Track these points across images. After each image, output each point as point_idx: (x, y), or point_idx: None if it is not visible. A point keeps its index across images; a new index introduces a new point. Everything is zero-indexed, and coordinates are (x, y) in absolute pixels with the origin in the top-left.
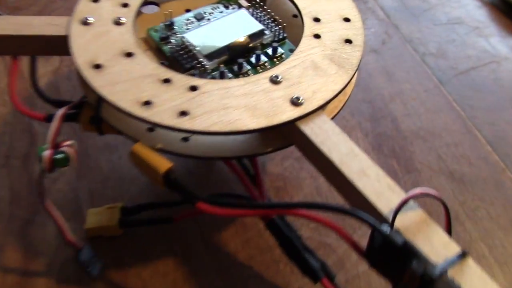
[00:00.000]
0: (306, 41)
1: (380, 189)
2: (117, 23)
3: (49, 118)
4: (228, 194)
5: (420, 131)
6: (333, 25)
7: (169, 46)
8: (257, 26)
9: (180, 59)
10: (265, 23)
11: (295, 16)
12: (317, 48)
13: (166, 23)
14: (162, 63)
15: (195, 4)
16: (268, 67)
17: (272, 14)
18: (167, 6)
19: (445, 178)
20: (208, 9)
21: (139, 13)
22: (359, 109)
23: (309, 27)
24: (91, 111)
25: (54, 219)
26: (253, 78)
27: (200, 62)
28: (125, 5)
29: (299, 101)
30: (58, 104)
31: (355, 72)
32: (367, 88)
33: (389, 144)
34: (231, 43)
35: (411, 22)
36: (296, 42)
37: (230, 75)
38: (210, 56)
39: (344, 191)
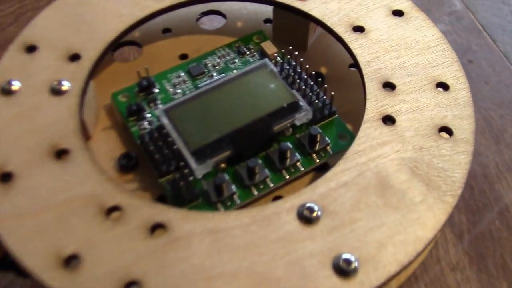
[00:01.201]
0: (369, 130)
1: None
2: (56, 91)
3: None
4: None
5: None
6: (418, 98)
7: (140, 127)
8: (287, 97)
9: (153, 154)
10: (301, 85)
11: (353, 66)
12: (389, 146)
13: (142, 83)
14: (126, 156)
15: (196, 46)
16: (302, 170)
17: (313, 72)
18: (154, 48)
19: None
20: (213, 57)
21: (107, 61)
22: None
23: (375, 101)
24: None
25: None
26: (266, 210)
27: (181, 165)
28: (74, 57)
29: (351, 267)
30: None
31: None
32: None
33: (496, 255)
34: (239, 128)
35: None
36: (354, 116)
37: (233, 188)
38: (201, 153)
39: None
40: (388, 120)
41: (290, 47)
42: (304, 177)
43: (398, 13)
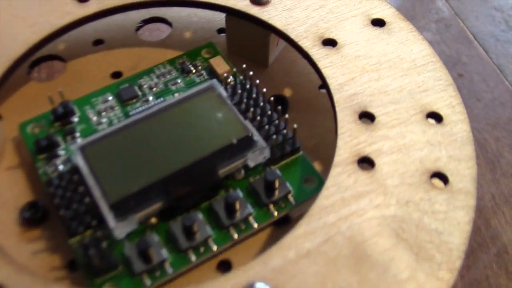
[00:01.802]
0: (341, 177)
1: None
2: None
3: None
4: None
5: None
6: (404, 133)
7: (49, 169)
8: (237, 130)
9: (60, 207)
10: (257, 114)
11: (323, 87)
12: (366, 199)
13: (58, 111)
14: (33, 206)
15: (133, 61)
16: (255, 226)
17: (271, 98)
18: (81, 64)
19: None
20: (150, 77)
21: (21, 81)
22: None
23: (349, 138)
24: None
25: None
26: None
27: (95, 223)
28: None
29: None
30: None
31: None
32: None
33: None
34: (174, 172)
35: None
36: (324, 152)
37: (164, 253)
38: (123, 206)
39: None
40: (366, 162)
41: (244, 65)
42: (259, 233)
43: (378, 22)
